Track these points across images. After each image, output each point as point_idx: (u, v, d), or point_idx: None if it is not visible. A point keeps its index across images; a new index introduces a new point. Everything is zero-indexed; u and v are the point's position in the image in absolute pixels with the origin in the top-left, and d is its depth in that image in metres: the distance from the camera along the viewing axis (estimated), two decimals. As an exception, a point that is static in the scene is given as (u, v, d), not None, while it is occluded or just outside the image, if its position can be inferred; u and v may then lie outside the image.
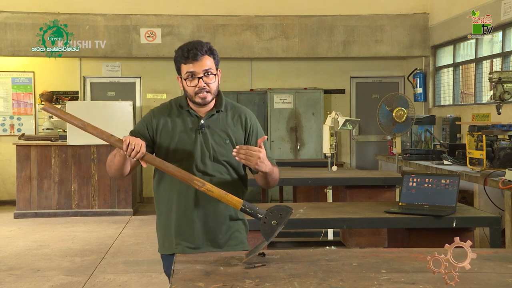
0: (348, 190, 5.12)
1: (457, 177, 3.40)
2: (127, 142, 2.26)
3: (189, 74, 2.38)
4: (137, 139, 2.29)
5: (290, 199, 8.01)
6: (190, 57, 2.36)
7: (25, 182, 8.18)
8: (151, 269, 5.28)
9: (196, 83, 2.38)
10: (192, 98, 2.42)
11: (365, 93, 10.07)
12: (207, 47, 2.40)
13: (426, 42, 8.99)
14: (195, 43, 2.41)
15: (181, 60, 2.39)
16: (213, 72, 2.40)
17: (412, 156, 7.00)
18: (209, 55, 2.40)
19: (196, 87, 2.38)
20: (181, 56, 2.39)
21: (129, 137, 2.29)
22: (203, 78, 2.38)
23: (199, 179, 2.28)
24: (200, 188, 2.27)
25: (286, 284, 1.82)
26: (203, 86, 2.38)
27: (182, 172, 2.29)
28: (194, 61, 2.36)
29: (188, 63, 2.37)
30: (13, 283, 4.93)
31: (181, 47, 2.42)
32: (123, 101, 8.63)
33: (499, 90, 5.16)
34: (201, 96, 2.39)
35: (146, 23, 8.83)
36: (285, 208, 2.19)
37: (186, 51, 2.37)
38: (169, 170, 2.30)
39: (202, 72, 2.37)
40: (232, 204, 2.27)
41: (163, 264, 2.56)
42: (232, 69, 9.63)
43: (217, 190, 2.27)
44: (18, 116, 9.55)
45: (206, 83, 2.38)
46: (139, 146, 2.26)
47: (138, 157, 2.26)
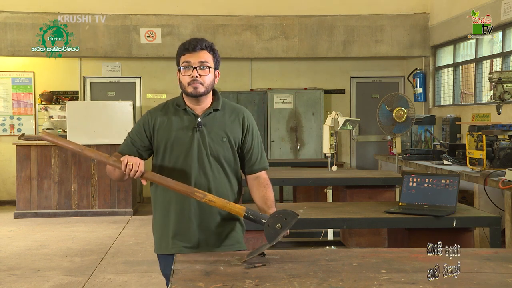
0: (348, 190, 5.12)
1: (457, 177, 3.40)
2: (125, 162, 2.30)
3: (186, 63, 2.43)
4: (135, 158, 2.33)
5: (290, 199, 8.01)
6: (189, 48, 2.42)
7: (25, 182, 8.18)
8: (151, 269, 5.28)
9: (190, 73, 2.42)
10: (185, 88, 2.45)
11: (365, 93, 10.07)
12: (208, 43, 2.46)
13: (426, 42, 8.99)
14: (198, 38, 2.48)
15: (181, 52, 2.46)
16: (208, 66, 2.43)
17: (412, 156, 7.00)
18: (208, 51, 2.45)
19: (190, 77, 2.41)
20: (182, 48, 2.46)
21: (127, 157, 2.32)
22: (198, 69, 2.41)
23: (200, 191, 2.30)
24: (202, 199, 2.28)
25: (286, 284, 1.82)
26: (196, 76, 2.41)
27: (182, 186, 2.32)
28: (193, 51, 2.42)
29: (186, 53, 2.43)
30: (13, 283, 4.93)
31: (184, 41, 2.48)
32: (123, 101, 8.63)
33: (499, 90, 5.16)
34: (193, 86, 2.42)
35: (146, 23, 8.83)
36: (291, 213, 2.18)
37: (187, 43, 2.45)
38: (169, 185, 2.33)
39: (198, 63, 2.42)
40: (235, 212, 2.28)
41: (160, 265, 2.57)
42: (232, 69, 9.63)
43: (219, 200, 2.29)
44: (18, 116, 9.54)
45: (199, 74, 2.41)
46: (137, 165, 2.30)
47: (137, 176, 2.30)
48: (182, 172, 2.43)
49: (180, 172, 2.43)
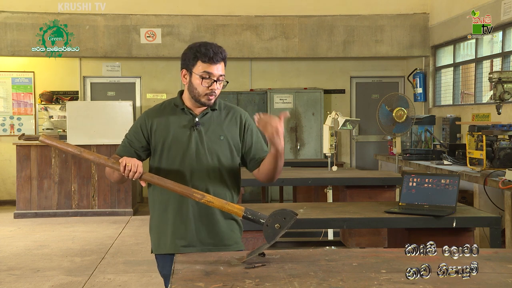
0: (348, 190, 5.12)
1: (457, 177, 3.40)
2: (124, 164, 2.31)
3: (207, 74, 2.41)
4: (133, 159, 2.34)
5: (290, 199, 8.01)
6: (213, 58, 2.40)
7: (25, 182, 8.18)
8: (151, 269, 5.28)
9: (210, 85, 2.42)
10: (198, 96, 2.44)
11: (365, 93, 10.06)
12: (225, 53, 2.46)
13: (426, 42, 8.99)
14: (217, 46, 2.45)
15: (200, 57, 2.41)
16: (224, 79, 2.46)
17: (412, 156, 7.00)
18: (224, 62, 2.47)
19: (209, 89, 2.42)
20: (204, 54, 2.40)
21: (125, 158, 2.33)
22: (217, 82, 2.43)
23: (198, 192, 2.31)
24: (201, 200, 2.29)
25: (286, 284, 1.82)
26: (215, 89, 2.43)
27: (181, 187, 2.33)
28: (216, 63, 2.41)
29: (209, 63, 2.40)
30: (13, 283, 4.93)
31: (203, 44, 2.43)
32: (123, 101, 8.63)
33: (499, 90, 5.16)
34: (210, 98, 2.44)
35: (146, 23, 8.83)
36: (290, 213, 2.19)
37: (210, 51, 2.40)
38: (168, 186, 2.33)
39: (218, 76, 2.43)
40: (234, 212, 2.29)
41: (158, 265, 2.57)
42: (232, 69, 9.61)
43: (217, 200, 2.30)
44: (18, 116, 9.54)
45: (217, 87, 2.44)
46: (136, 166, 2.31)
47: (135, 177, 2.31)
48: (179, 171, 2.44)
49: (178, 171, 2.44)
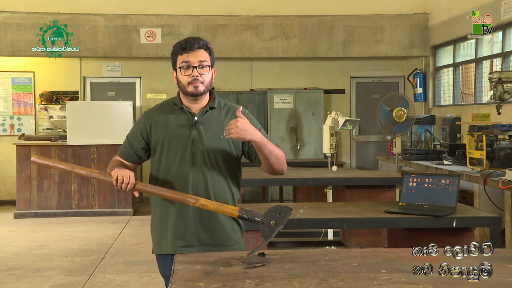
0: (348, 190, 5.12)
1: (457, 177, 3.40)
2: (115, 176, 2.33)
3: (185, 63, 2.43)
4: (124, 170, 2.36)
5: (290, 199, 8.01)
6: (187, 47, 2.43)
7: (25, 182, 8.18)
8: (151, 269, 5.28)
9: (190, 72, 2.42)
10: (185, 88, 2.46)
11: (365, 93, 10.07)
12: (204, 42, 2.48)
13: (426, 42, 9.00)
14: (193, 37, 2.49)
15: (178, 51, 2.46)
16: (207, 64, 2.45)
17: (412, 156, 7.00)
18: (205, 49, 2.46)
19: (190, 76, 2.42)
20: (179, 47, 2.46)
21: (117, 171, 2.35)
22: (198, 68, 2.42)
23: (192, 196, 2.33)
24: (195, 204, 2.31)
25: (286, 284, 1.82)
26: (197, 75, 2.42)
27: (174, 193, 2.35)
28: (191, 51, 2.43)
29: (184, 53, 2.43)
30: (13, 283, 4.93)
31: (181, 41, 2.49)
32: (123, 101, 8.63)
33: (499, 90, 5.16)
34: (194, 85, 2.43)
35: (146, 23, 8.83)
36: (284, 209, 2.19)
37: (183, 42, 2.45)
38: (161, 194, 2.36)
39: (197, 62, 2.42)
40: (228, 213, 2.31)
41: (158, 265, 2.57)
42: (232, 69, 9.64)
43: (211, 203, 2.31)
44: (18, 116, 9.55)
45: (199, 73, 2.42)
46: (128, 178, 2.33)
47: (128, 188, 2.34)
48: (179, 171, 2.44)
49: (178, 170, 2.44)
